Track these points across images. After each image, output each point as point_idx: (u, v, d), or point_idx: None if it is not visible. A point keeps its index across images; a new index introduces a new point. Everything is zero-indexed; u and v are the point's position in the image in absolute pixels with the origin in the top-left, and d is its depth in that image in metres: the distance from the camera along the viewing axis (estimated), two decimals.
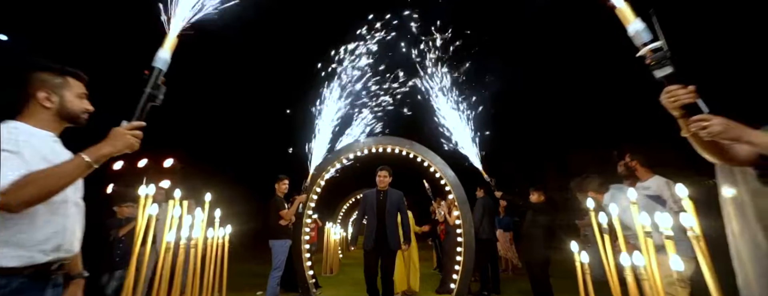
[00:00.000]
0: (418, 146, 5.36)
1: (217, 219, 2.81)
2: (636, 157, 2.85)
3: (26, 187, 0.98)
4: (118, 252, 3.52)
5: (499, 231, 6.55)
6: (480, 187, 5.49)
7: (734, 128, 1.03)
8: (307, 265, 5.04)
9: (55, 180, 1.03)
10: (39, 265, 1.07)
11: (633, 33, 1.21)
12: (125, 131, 1.18)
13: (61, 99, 1.23)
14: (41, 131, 1.18)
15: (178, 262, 2.34)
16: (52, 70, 1.24)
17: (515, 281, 6.23)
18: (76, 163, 1.07)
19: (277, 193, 4.39)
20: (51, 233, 1.10)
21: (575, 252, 2.24)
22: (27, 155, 1.06)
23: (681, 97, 1.10)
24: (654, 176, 2.75)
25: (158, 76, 1.30)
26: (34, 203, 1.00)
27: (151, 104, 1.29)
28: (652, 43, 1.17)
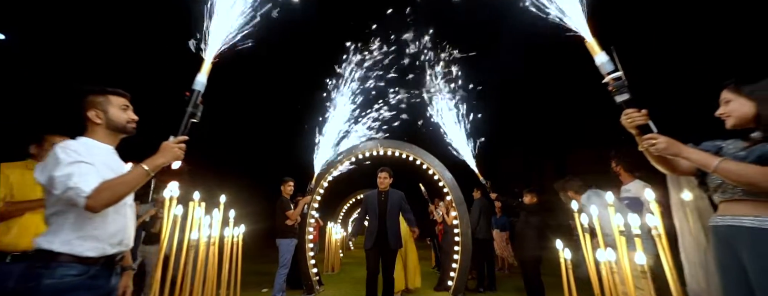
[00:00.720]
0: (417, 149, 5.60)
1: (232, 219, 3.03)
2: (621, 162, 3.09)
3: (104, 192, 1.20)
4: None
5: (495, 231, 6.80)
6: (477, 188, 5.74)
7: (675, 145, 1.27)
8: (311, 263, 5.27)
9: (124, 187, 1.26)
10: (108, 256, 1.30)
11: (599, 63, 1.45)
12: (173, 145, 1.41)
13: (106, 114, 1.45)
14: (103, 145, 1.41)
15: (199, 259, 2.56)
16: (95, 92, 1.46)
17: (511, 279, 6.47)
18: (138, 172, 1.30)
19: (283, 194, 4.61)
20: (116, 229, 1.33)
21: (560, 250, 2.48)
22: (98, 165, 1.29)
23: (636, 118, 1.34)
24: (635, 180, 2.99)
25: (197, 97, 1.53)
26: (109, 205, 1.23)
27: (192, 120, 1.52)
28: (613, 73, 1.41)
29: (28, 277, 1.16)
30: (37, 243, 1.21)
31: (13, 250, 1.88)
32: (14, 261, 1.86)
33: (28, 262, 1.21)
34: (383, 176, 4.09)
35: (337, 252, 8.27)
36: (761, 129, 1.24)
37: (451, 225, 5.38)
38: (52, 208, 1.24)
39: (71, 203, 1.20)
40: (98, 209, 1.21)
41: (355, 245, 13.74)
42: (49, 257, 1.18)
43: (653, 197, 1.95)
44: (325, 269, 7.49)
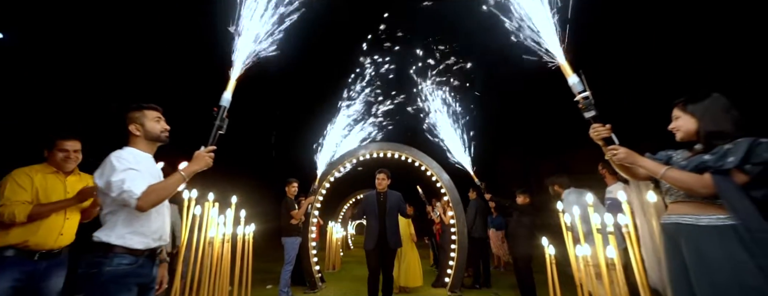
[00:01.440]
0: (416, 151, 5.83)
1: (243, 219, 3.26)
2: (606, 165, 3.34)
3: (151, 194, 1.43)
4: None
5: (491, 230, 7.05)
6: (472, 189, 5.98)
7: (632, 155, 1.50)
8: (314, 261, 5.50)
9: (166, 190, 1.49)
10: (151, 249, 1.53)
11: (571, 84, 1.68)
12: (204, 154, 1.64)
13: (143, 126, 1.68)
14: (144, 153, 1.64)
15: (215, 256, 2.78)
16: (133, 109, 1.69)
17: (505, 276, 6.71)
18: (177, 177, 1.53)
19: (288, 195, 4.83)
20: (158, 226, 1.56)
21: (545, 246, 2.71)
22: (143, 171, 1.52)
23: (601, 132, 1.57)
24: (617, 182, 3.24)
25: (223, 111, 1.76)
26: (154, 205, 1.46)
27: (220, 132, 1.75)
28: (583, 93, 1.64)
29: (91, 265, 1.39)
30: (96, 236, 1.44)
31: (41, 249, 2.01)
32: (41, 259, 2.00)
33: (90, 253, 1.44)
34: (381, 178, 4.13)
35: (337, 250, 8.50)
36: (701, 142, 1.48)
37: (448, 225, 5.61)
38: (108, 208, 1.47)
39: (124, 204, 1.43)
40: (146, 209, 1.44)
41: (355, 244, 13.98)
42: (107, 248, 1.41)
43: (625, 198, 2.19)
44: (326, 267, 7.71)
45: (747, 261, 1.22)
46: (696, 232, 1.38)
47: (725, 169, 1.31)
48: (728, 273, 1.25)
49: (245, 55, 1.88)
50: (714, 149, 1.38)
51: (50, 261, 2.04)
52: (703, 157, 1.39)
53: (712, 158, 1.35)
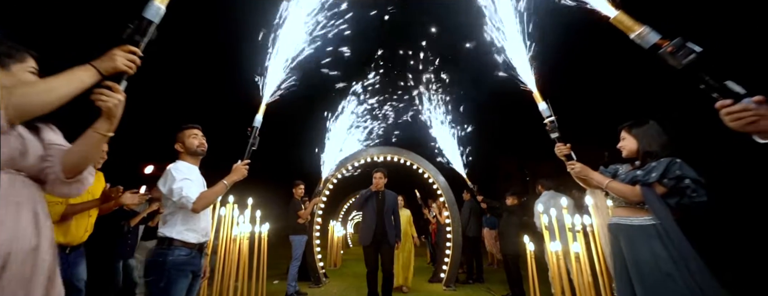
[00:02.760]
0: (414, 155, 6.22)
1: (258, 218, 3.63)
2: None
3: (202, 200, 1.80)
4: (130, 241, 3.64)
5: (485, 229, 7.45)
6: (466, 191, 6.38)
7: (585, 169, 1.89)
8: (318, 258, 5.88)
9: (213, 196, 1.86)
10: (201, 243, 1.90)
11: (541, 109, 2.06)
12: (241, 166, 2.01)
13: (184, 144, 2.05)
14: (192, 166, 2.01)
15: (235, 252, 3.16)
16: (178, 130, 2.06)
17: (498, 272, 7.10)
18: (221, 186, 1.90)
19: (295, 196, 5.20)
20: (205, 225, 1.93)
21: (526, 243, 3.10)
22: (194, 180, 1.89)
23: (563, 150, 1.96)
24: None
25: (256, 131, 2.13)
26: (205, 208, 1.83)
27: (253, 148, 2.12)
28: (550, 117, 2.02)
29: (157, 255, 1.76)
30: (160, 232, 1.81)
31: (71, 244, 2.24)
32: (71, 252, 2.24)
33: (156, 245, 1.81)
34: (378, 176, 4.16)
35: (338, 248, 8.89)
36: (639, 159, 1.86)
37: (444, 224, 6.00)
38: (169, 209, 1.84)
39: (182, 206, 1.80)
40: (198, 211, 1.82)
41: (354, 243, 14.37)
42: (169, 242, 1.78)
43: (592, 202, 2.58)
44: (328, 264, 8.09)
45: (663, 252, 1.60)
46: (630, 230, 1.76)
47: (650, 182, 1.70)
48: (651, 262, 1.63)
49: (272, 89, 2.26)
50: (645, 166, 1.77)
51: (76, 253, 2.32)
52: (636, 172, 1.77)
53: (641, 174, 1.74)
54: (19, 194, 0.96)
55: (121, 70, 1.09)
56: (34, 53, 1.16)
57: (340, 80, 4.86)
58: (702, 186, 1.63)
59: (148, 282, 1.72)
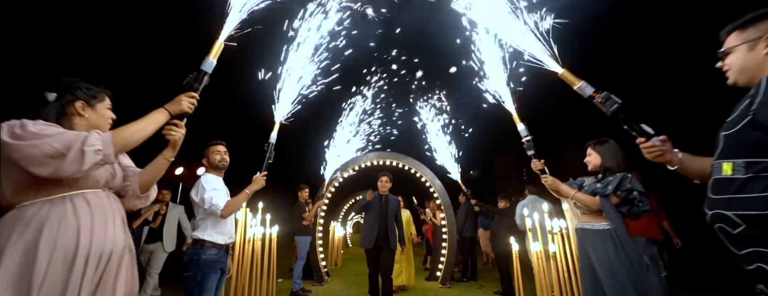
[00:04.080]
0: (412, 159, 6.55)
1: (268, 221, 3.94)
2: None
3: (229, 207, 2.13)
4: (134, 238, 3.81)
5: (480, 230, 7.79)
6: (462, 194, 6.71)
7: (556, 182, 2.22)
8: (321, 258, 6.20)
9: (238, 204, 2.19)
10: (228, 244, 2.22)
11: (520, 130, 2.39)
12: (260, 177, 2.34)
13: (208, 159, 2.37)
14: (217, 177, 2.33)
15: (248, 252, 3.47)
16: (206, 146, 2.38)
17: (492, 270, 7.44)
18: (244, 195, 2.23)
19: (300, 199, 5.52)
20: (230, 228, 2.26)
21: (511, 244, 3.43)
22: (220, 190, 2.21)
23: (538, 165, 2.28)
24: None
25: (272, 147, 2.45)
26: (231, 215, 2.16)
27: (269, 161, 2.44)
28: (527, 137, 2.35)
29: (193, 254, 2.09)
30: (195, 235, 2.13)
31: None
32: None
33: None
34: (385, 180, 4.17)
35: (339, 248, 9.22)
36: (601, 173, 2.19)
37: (440, 225, 6.34)
38: (201, 216, 2.17)
39: (211, 213, 2.13)
40: (226, 217, 2.14)
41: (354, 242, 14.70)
42: (202, 243, 2.11)
43: (566, 207, 2.91)
44: (329, 264, 8.41)
45: (614, 253, 1.93)
46: (592, 234, 2.09)
47: (606, 194, 2.02)
48: (606, 261, 1.96)
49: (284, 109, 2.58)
50: (604, 180, 2.10)
51: None
52: (596, 185, 2.11)
53: (600, 187, 2.07)
54: (112, 207, 1.29)
55: (185, 111, 1.41)
56: (109, 92, 1.49)
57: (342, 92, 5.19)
58: (646, 197, 1.96)
59: (187, 276, 2.04)
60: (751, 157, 1.00)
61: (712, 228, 1.10)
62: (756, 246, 0.97)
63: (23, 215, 1.10)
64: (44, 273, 1.05)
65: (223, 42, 1.56)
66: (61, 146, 1.10)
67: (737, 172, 1.02)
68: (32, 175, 1.10)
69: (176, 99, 1.41)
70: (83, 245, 1.13)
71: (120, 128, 1.26)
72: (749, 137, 1.01)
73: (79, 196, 1.20)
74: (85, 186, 1.23)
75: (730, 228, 1.03)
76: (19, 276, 1.03)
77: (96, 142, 1.16)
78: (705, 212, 1.11)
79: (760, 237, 0.96)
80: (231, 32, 1.57)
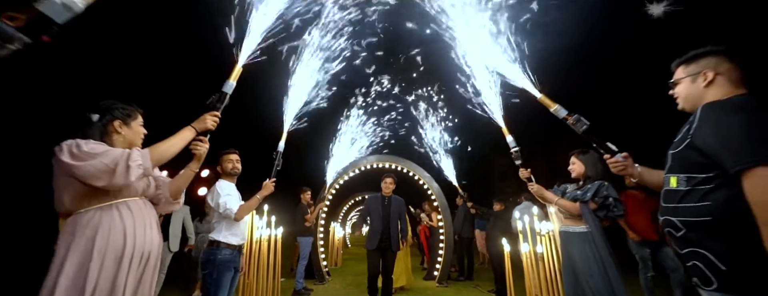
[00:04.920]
0: (410, 162, 6.76)
1: (273, 222, 4.13)
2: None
3: (242, 211, 2.33)
4: None
5: (477, 230, 8.01)
6: (460, 196, 6.92)
7: (541, 190, 2.42)
8: (322, 257, 6.40)
9: (249, 208, 2.39)
10: (240, 245, 2.42)
11: (508, 141, 2.59)
12: (269, 183, 2.54)
13: (222, 166, 2.57)
14: (231, 184, 2.53)
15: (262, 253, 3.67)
16: (220, 154, 2.58)
17: (487, 270, 7.64)
18: (255, 199, 2.43)
19: (302, 201, 5.72)
20: (243, 230, 2.46)
21: (503, 245, 3.64)
22: (233, 195, 2.41)
23: (524, 174, 2.49)
24: None
25: (280, 155, 2.65)
26: (243, 218, 2.36)
27: (277, 168, 2.64)
28: (515, 148, 2.55)
29: (209, 254, 2.28)
30: (211, 236, 2.33)
31: None
32: None
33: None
34: (389, 182, 4.18)
35: (339, 248, 9.42)
36: (582, 180, 2.40)
37: (436, 227, 6.54)
38: (216, 219, 2.37)
39: (226, 216, 2.33)
40: (239, 220, 2.34)
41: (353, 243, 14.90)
42: (217, 244, 2.31)
43: (554, 210, 3.11)
44: (330, 263, 8.61)
45: (591, 255, 2.14)
46: (572, 237, 2.30)
47: (585, 200, 2.23)
48: (584, 261, 2.17)
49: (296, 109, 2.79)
50: (583, 187, 2.31)
51: None
52: (577, 192, 2.32)
53: (580, 193, 2.28)
54: (149, 212, 1.49)
55: (209, 128, 1.62)
56: (141, 110, 1.69)
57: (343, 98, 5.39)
58: (620, 203, 2.17)
59: (204, 274, 2.24)
60: (690, 173, 1.20)
61: (663, 231, 1.30)
62: (693, 247, 1.18)
63: (80, 221, 1.30)
64: (99, 269, 1.25)
65: (242, 66, 1.76)
66: (110, 162, 1.30)
67: (681, 185, 1.22)
68: (87, 186, 1.30)
69: (201, 118, 1.61)
70: (129, 246, 1.33)
71: (155, 145, 1.46)
72: (689, 156, 1.21)
73: (123, 204, 1.40)
74: (127, 195, 1.43)
75: (675, 231, 1.23)
76: (79, 271, 1.23)
77: (138, 157, 1.36)
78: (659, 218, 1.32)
79: (696, 240, 1.17)
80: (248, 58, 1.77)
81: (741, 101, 1.17)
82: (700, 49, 1.30)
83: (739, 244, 1.07)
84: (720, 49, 1.27)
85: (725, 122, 1.11)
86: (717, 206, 1.11)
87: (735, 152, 1.06)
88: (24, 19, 0.77)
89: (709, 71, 1.27)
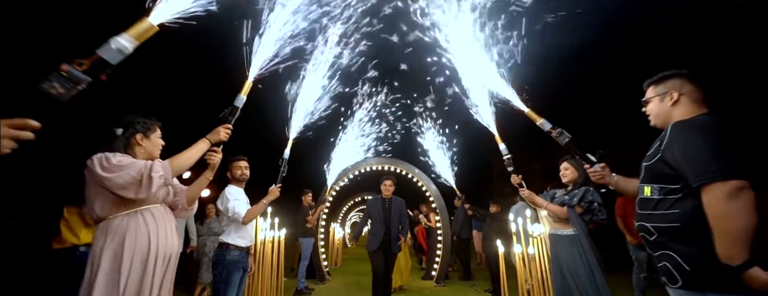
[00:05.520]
0: (409, 165, 6.91)
1: (276, 224, 4.27)
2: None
3: (249, 215, 2.47)
4: None
5: (474, 231, 8.16)
6: (458, 198, 7.07)
7: (532, 195, 2.57)
8: (322, 257, 6.55)
9: (256, 212, 2.53)
10: (248, 247, 2.57)
11: (501, 149, 2.73)
12: (275, 189, 2.68)
13: (232, 172, 2.71)
14: (239, 189, 2.67)
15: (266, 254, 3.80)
16: (229, 161, 2.72)
17: (485, 270, 7.80)
18: (262, 204, 2.57)
19: (303, 203, 5.86)
20: (250, 232, 2.60)
21: (497, 246, 3.79)
22: (241, 200, 2.56)
23: (516, 179, 2.64)
24: None
25: (285, 162, 2.79)
26: (251, 221, 2.50)
27: (283, 175, 2.78)
28: (507, 155, 2.70)
29: (219, 255, 2.43)
30: (221, 239, 2.48)
31: None
32: None
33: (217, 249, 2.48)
34: (389, 184, 4.21)
35: (339, 248, 9.57)
36: (572, 185, 2.55)
37: (434, 228, 6.70)
38: (225, 222, 2.51)
39: (234, 220, 2.47)
40: (247, 224, 2.49)
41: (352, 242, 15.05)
42: (226, 246, 2.45)
43: (544, 213, 3.26)
44: (330, 263, 8.75)
45: (578, 257, 2.29)
46: (561, 239, 2.45)
47: (572, 204, 2.38)
48: (571, 262, 2.32)
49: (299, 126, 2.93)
50: (571, 193, 2.46)
51: None
52: (564, 197, 2.47)
53: (568, 198, 2.43)
54: (169, 218, 1.63)
55: (222, 140, 1.76)
56: (159, 123, 1.83)
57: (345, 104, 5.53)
58: (603, 207, 2.32)
59: (215, 274, 2.39)
60: (661, 183, 1.35)
61: (638, 235, 1.45)
62: (663, 250, 1.32)
63: (111, 226, 1.45)
64: (128, 269, 1.40)
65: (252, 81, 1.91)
66: (136, 174, 1.45)
67: (654, 194, 1.37)
68: (115, 195, 1.45)
69: (215, 130, 1.76)
70: (153, 248, 1.48)
71: (174, 156, 1.60)
72: (660, 168, 1.35)
73: (146, 210, 1.55)
74: (150, 202, 1.57)
75: (648, 236, 1.37)
76: (113, 271, 1.37)
77: (159, 169, 1.50)
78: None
79: (666, 243, 1.31)
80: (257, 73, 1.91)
81: (705, 122, 1.31)
82: (667, 71, 1.45)
83: (701, 248, 1.20)
84: (683, 72, 1.41)
85: (690, 141, 1.25)
86: (684, 213, 1.25)
87: (696, 169, 1.19)
88: (88, 63, 0.92)
89: (674, 92, 1.41)
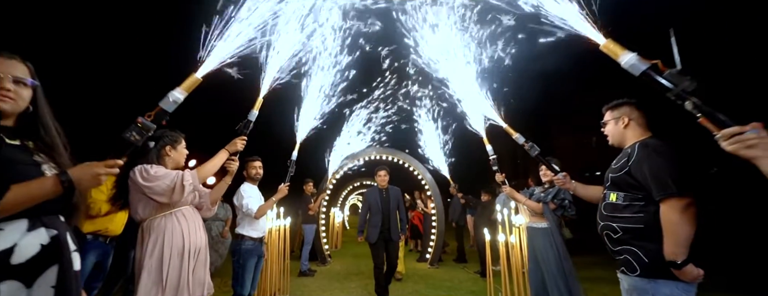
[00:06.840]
0: (405, 154, 7.22)
1: (282, 213, 4.61)
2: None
3: (261, 210, 2.78)
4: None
5: (468, 216, 8.59)
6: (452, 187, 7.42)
7: (513, 192, 2.87)
8: (323, 242, 6.98)
9: (267, 208, 2.84)
10: (261, 237, 2.89)
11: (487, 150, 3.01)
12: (284, 187, 2.97)
13: (247, 171, 3.00)
14: (253, 187, 2.97)
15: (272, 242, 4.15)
16: (245, 161, 3.00)
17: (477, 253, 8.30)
18: (272, 201, 2.87)
19: (306, 192, 6.20)
20: (263, 225, 2.92)
21: (484, 234, 4.15)
22: (254, 197, 2.86)
23: (499, 178, 2.93)
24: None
25: (294, 163, 3.05)
26: (262, 216, 2.81)
27: (291, 175, 3.06)
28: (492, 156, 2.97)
29: (236, 245, 2.76)
30: (237, 231, 2.80)
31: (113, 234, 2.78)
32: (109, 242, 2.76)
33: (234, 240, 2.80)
34: (383, 174, 4.25)
35: (339, 233, 10.05)
36: (548, 184, 2.85)
37: (430, 214, 7.10)
38: (240, 216, 2.82)
39: (248, 215, 2.78)
40: (259, 218, 2.80)
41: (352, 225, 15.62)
42: (241, 237, 2.77)
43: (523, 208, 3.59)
44: (331, 246, 9.24)
45: (550, 248, 2.62)
46: (536, 231, 2.78)
47: (547, 201, 2.69)
48: (544, 253, 2.66)
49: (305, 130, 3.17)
50: (547, 190, 2.76)
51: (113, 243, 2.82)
52: (541, 194, 2.78)
53: (544, 196, 2.74)
54: (197, 217, 1.93)
55: (239, 150, 2.03)
56: (184, 135, 2.09)
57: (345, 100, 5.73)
58: (573, 204, 2.64)
59: (233, 261, 2.73)
60: (627, 192, 1.62)
61: (601, 233, 1.73)
62: (627, 245, 1.60)
63: (152, 226, 1.74)
64: (169, 262, 1.71)
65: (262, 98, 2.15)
66: (170, 182, 1.73)
67: (619, 200, 1.65)
68: (154, 201, 1.73)
69: (232, 142, 2.02)
70: (186, 244, 1.78)
71: (201, 166, 1.88)
72: (626, 180, 1.62)
73: (179, 211, 1.84)
74: (181, 205, 1.86)
75: (613, 234, 1.65)
76: (157, 265, 1.68)
77: (189, 178, 1.78)
78: (597, 223, 1.73)
79: (630, 241, 1.59)
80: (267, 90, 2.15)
81: (662, 146, 1.56)
82: (620, 99, 1.71)
83: (659, 245, 1.48)
84: (631, 101, 1.67)
85: (654, 163, 1.50)
86: (648, 218, 1.52)
87: (657, 186, 1.47)
88: (153, 114, 1.17)
89: (625, 117, 1.68)
